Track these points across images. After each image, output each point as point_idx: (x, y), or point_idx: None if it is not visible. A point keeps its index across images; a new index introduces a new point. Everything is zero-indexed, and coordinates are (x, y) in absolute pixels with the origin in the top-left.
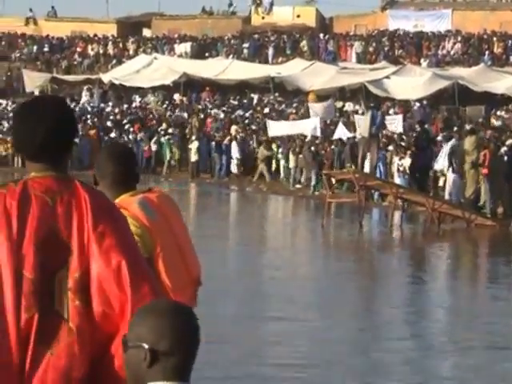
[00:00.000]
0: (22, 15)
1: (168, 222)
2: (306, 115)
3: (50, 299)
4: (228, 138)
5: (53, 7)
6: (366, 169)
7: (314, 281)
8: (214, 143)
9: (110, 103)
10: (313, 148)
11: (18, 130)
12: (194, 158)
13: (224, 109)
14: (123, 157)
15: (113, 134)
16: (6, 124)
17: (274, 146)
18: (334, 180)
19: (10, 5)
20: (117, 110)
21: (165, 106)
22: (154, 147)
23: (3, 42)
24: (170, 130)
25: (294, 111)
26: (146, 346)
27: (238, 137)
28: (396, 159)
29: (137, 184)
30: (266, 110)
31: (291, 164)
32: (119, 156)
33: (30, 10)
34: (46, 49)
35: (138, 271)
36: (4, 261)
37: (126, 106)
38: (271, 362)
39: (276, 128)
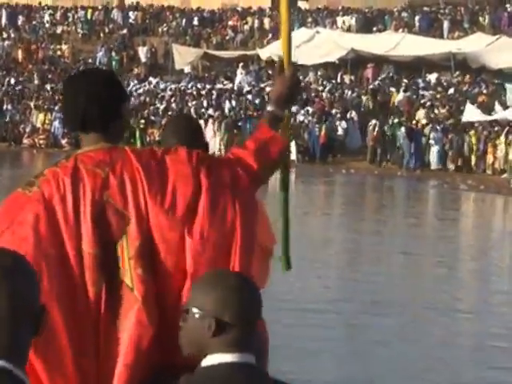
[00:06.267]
0: None
1: None
2: (496, 96)
3: (115, 270)
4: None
5: None
6: None
7: None
8: (403, 129)
9: (270, 81)
10: None
11: (62, 106)
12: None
13: (400, 89)
14: (189, 130)
15: None
16: (159, 105)
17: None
18: None
19: None
20: None
21: (330, 85)
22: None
23: (148, 15)
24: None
25: (484, 91)
26: (212, 316)
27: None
28: None
29: None
30: (451, 91)
31: (511, 155)
32: (185, 130)
33: None
34: (195, 22)
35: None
36: (65, 239)
37: None
38: None
39: (471, 112)
